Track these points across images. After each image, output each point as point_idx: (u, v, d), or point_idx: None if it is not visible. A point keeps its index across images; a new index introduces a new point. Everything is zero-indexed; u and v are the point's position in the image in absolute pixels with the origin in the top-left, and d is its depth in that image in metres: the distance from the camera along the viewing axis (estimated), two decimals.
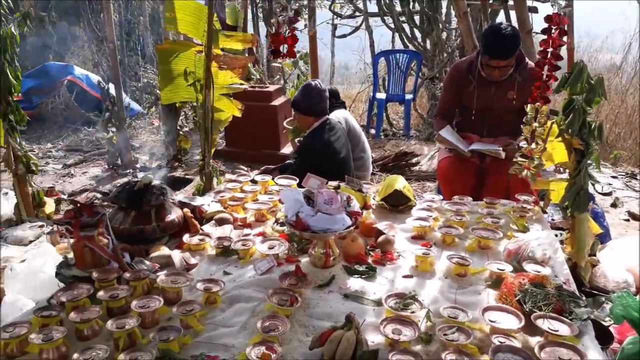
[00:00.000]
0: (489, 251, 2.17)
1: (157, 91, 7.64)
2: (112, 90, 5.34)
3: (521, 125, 2.59)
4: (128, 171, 4.99)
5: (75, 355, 1.45)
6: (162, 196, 2.27)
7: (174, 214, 2.31)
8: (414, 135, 6.59)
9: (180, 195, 2.92)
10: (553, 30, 2.45)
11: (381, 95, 6.73)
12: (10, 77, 3.44)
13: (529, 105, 2.56)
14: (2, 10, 3.37)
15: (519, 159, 2.62)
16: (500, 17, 6.31)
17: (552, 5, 2.61)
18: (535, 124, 2.52)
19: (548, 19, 2.51)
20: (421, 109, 7.47)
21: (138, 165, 5.12)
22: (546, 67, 2.51)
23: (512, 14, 5.24)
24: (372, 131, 6.68)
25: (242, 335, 1.62)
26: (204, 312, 1.73)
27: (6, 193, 3.96)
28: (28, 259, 2.82)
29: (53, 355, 1.49)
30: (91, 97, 6.97)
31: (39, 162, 4.01)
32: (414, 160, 5.08)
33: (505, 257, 2.07)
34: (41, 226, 3.44)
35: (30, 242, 3.38)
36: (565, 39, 2.55)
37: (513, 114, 3.09)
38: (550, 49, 2.48)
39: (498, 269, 1.94)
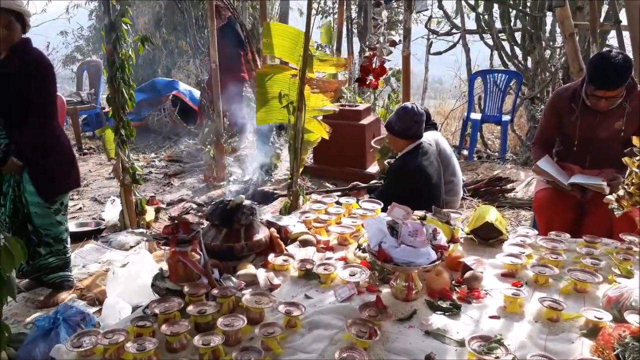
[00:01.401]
0: (586, 296, 2.01)
1: (252, 104, 7.99)
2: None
3: (624, 158, 2.38)
4: (222, 183, 5.25)
5: None
6: (251, 216, 2.37)
7: (262, 234, 2.39)
8: (510, 158, 6.30)
9: (268, 214, 3.02)
10: None
11: (476, 116, 6.51)
12: (125, 95, 3.78)
13: (636, 137, 2.35)
14: (121, 34, 3.73)
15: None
16: (612, 34, 5.88)
17: None
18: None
19: None
20: (520, 130, 7.13)
21: (231, 178, 5.37)
22: None
23: (625, 33, 4.86)
24: (465, 152, 6.48)
25: None
26: (284, 335, 1.76)
27: (113, 200, 4.35)
28: (129, 264, 3.06)
29: None
30: (193, 111, 7.44)
31: (142, 170, 4.34)
32: (509, 186, 4.84)
33: (605, 305, 1.90)
34: (141, 233, 3.71)
35: (131, 247, 3.67)
36: None
37: (620, 145, 2.86)
38: None
39: (595, 317, 1.78)
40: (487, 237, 2.44)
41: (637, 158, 2.27)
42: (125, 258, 3.41)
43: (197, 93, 7.58)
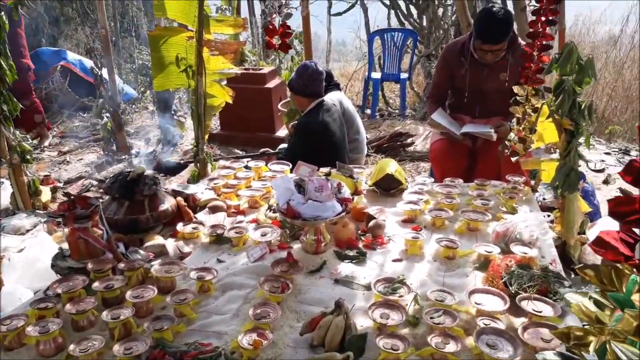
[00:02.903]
0: (478, 233, 2.20)
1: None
2: (106, 75, 5.32)
3: (511, 108, 2.61)
4: (123, 157, 5.01)
5: (72, 347, 1.50)
6: (154, 186, 2.29)
7: (167, 203, 2.33)
8: (409, 114, 6.58)
9: (174, 183, 2.94)
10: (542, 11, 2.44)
11: (376, 75, 6.69)
12: (3, 65, 3.43)
13: (518, 87, 2.57)
14: None
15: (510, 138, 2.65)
16: None
17: None
18: (526, 106, 2.53)
19: None
20: (418, 87, 7.44)
21: (133, 151, 5.13)
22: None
23: None
24: (368, 111, 6.67)
25: (235, 323, 1.66)
26: (197, 300, 1.77)
27: (2, 183, 3.99)
28: (26, 248, 2.86)
29: (50, 346, 1.53)
30: (85, 82, 6.92)
31: (33, 149, 4.01)
32: (409, 140, 5.09)
33: (494, 239, 2.10)
34: (37, 215, 3.47)
35: (28, 231, 3.42)
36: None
37: (505, 95, 3.09)
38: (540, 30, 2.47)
39: (486, 251, 1.97)
40: (388, 188, 2.57)
41: (524, 105, 2.47)
42: (21, 243, 3.16)
43: (88, 63, 7.05)
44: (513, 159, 2.68)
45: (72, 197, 1.99)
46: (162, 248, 2.10)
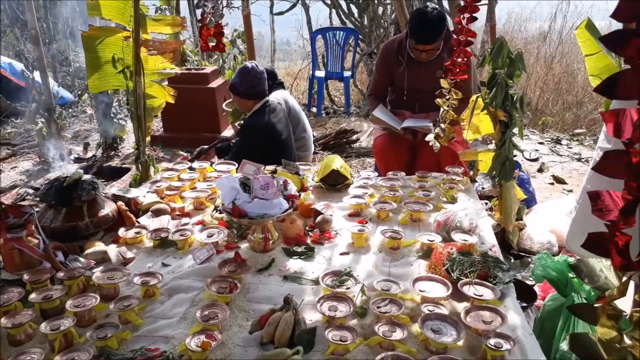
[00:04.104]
0: (421, 223, 2.27)
1: None
2: (39, 78, 5.08)
3: (436, 100, 2.68)
4: (61, 164, 4.79)
5: None
6: (93, 191, 2.21)
7: (108, 208, 2.26)
8: (354, 112, 6.67)
9: (114, 188, 2.84)
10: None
11: (320, 74, 6.73)
12: None
13: (444, 80, 2.65)
14: None
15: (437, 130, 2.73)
16: None
17: None
18: (448, 97, 2.63)
19: None
20: (361, 84, 7.55)
21: (72, 157, 4.92)
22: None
23: None
24: (314, 109, 6.70)
25: (182, 326, 1.63)
26: (142, 305, 1.72)
27: None
28: None
29: None
30: (16, 86, 6.57)
31: None
32: (354, 137, 5.16)
33: (435, 228, 2.16)
34: None
35: None
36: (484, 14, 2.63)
37: None
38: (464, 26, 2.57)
39: (428, 240, 2.03)
40: (334, 184, 2.60)
41: (447, 97, 2.56)
42: None
43: (19, 65, 6.70)
44: (435, 149, 2.75)
45: (3, 206, 1.89)
46: (104, 255, 2.03)
